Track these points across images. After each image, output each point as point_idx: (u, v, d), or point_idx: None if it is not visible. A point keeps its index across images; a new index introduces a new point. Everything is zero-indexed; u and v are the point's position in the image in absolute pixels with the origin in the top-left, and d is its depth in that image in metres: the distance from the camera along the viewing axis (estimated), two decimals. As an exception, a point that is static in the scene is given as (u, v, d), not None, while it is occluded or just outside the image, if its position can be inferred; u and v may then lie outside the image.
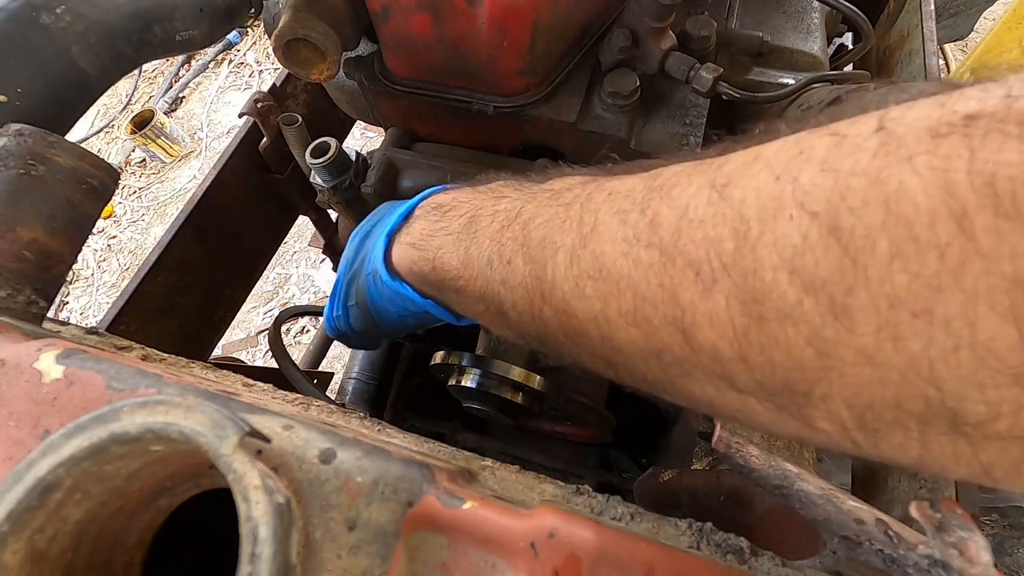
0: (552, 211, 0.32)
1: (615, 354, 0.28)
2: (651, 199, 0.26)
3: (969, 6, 2.15)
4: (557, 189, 0.34)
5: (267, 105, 0.86)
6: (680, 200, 0.24)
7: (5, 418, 0.30)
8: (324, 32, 0.57)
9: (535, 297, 0.32)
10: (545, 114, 0.66)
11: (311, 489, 0.27)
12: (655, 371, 0.27)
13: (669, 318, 0.24)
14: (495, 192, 0.39)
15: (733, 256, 0.22)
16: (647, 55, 0.65)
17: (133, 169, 2.99)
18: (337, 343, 0.78)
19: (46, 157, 0.42)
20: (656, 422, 1.10)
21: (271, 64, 3.19)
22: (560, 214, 0.31)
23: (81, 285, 2.71)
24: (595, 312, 0.28)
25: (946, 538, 0.26)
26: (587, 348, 0.30)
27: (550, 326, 0.32)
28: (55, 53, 0.48)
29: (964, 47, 2.98)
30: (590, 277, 0.28)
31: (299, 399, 0.40)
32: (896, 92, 0.31)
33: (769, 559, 0.29)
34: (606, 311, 0.27)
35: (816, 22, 0.77)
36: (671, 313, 0.24)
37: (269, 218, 0.99)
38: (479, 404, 0.70)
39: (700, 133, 0.65)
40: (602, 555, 0.26)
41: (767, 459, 0.36)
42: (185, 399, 0.27)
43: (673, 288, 0.24)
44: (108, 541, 0.31)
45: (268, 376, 0.53)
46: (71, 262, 0.45)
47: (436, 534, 0.27)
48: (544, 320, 0.32)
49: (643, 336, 0.26)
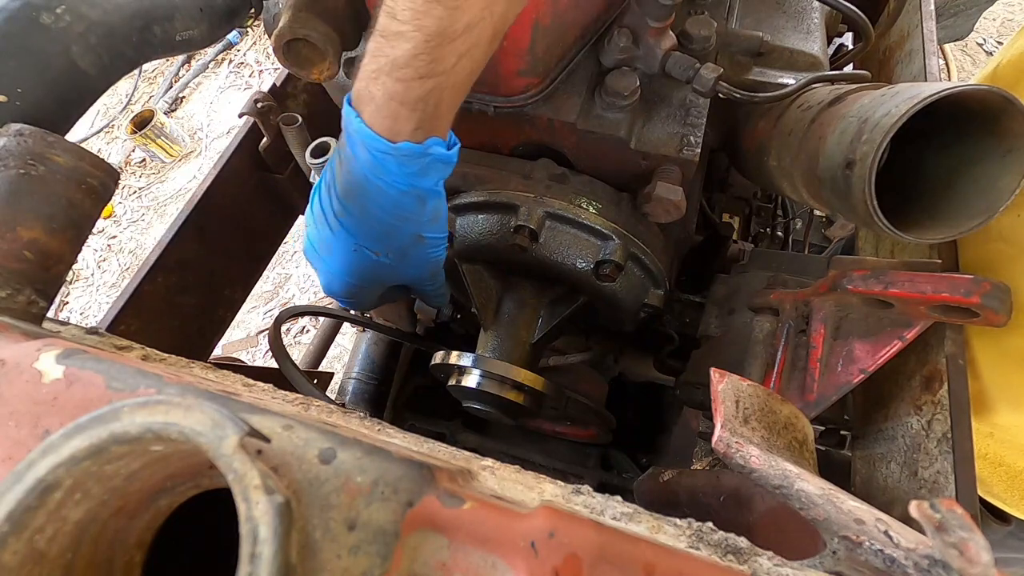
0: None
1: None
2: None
3: (969, 6, 2.16)
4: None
5: (267, 105, 0.86)
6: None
7: (5, 418, 0.30)
8: (324, 32, 0.57)
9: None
10: (545, 114, 0.66)
11: (311, 489, 0.27)
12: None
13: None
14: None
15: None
16: (647, 55, 0.65)
17: (133, 169, 3.00)
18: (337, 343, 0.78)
19: (46, 157, 0.42)
20: (656, 422, 1.10)
21: (271, 64, 3.19)
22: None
23: (81, 285, 2.71)
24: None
25: (946, 538, 0.26)
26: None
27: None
28: (55, 53, 0.48)
29: (964, 47, 2.98)
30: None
31: (299, 399, 0.40)
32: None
33: (769, 559, 0.29)
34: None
35: (816, 22, 0.77)
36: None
37: (269, 218, 0.99)
38: (479, 404, 0.70)
39: (700, 133, 0.65)
40: (602, 555, 0.26)
41: (767, 459, 0.36)
42: (185, 399, 0.27)
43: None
44: (108, 541, 0.31)
45: (268, 376, 0.53)
46: (71, 262, 0.45)
47: (436, 534, 0.27)
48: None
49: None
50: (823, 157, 0.55)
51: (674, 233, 0.77)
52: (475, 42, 0.48)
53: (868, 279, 0.54)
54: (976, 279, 0.47)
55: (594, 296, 0.73)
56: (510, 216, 0.68)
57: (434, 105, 0.49)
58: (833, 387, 0.56)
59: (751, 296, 0.67)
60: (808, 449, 0.44)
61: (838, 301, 0.58)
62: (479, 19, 0.47)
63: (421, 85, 0.48)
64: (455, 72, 0.48)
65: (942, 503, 0.27)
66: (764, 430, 0.41)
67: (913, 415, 0.55)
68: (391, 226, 0.56)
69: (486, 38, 0.48)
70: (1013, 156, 0.49)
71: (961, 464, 0.49)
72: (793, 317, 0.61)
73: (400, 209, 0.55)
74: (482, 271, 0.74)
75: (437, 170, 0.54)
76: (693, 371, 0.75)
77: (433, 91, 0.48)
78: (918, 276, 0.50)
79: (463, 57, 0.48)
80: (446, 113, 0.51)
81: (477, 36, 0.47)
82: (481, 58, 0.50)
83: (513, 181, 0.70)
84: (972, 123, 0.50)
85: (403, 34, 0.46)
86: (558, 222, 0.68)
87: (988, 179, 0.50)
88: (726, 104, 0.68)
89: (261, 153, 0.89)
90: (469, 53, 0.48)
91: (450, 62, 0.47)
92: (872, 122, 0.49)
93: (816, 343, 0.58)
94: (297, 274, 2.56)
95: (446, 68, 0.48)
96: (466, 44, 0.47)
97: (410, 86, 0.48)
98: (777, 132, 0.66)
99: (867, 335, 0.55)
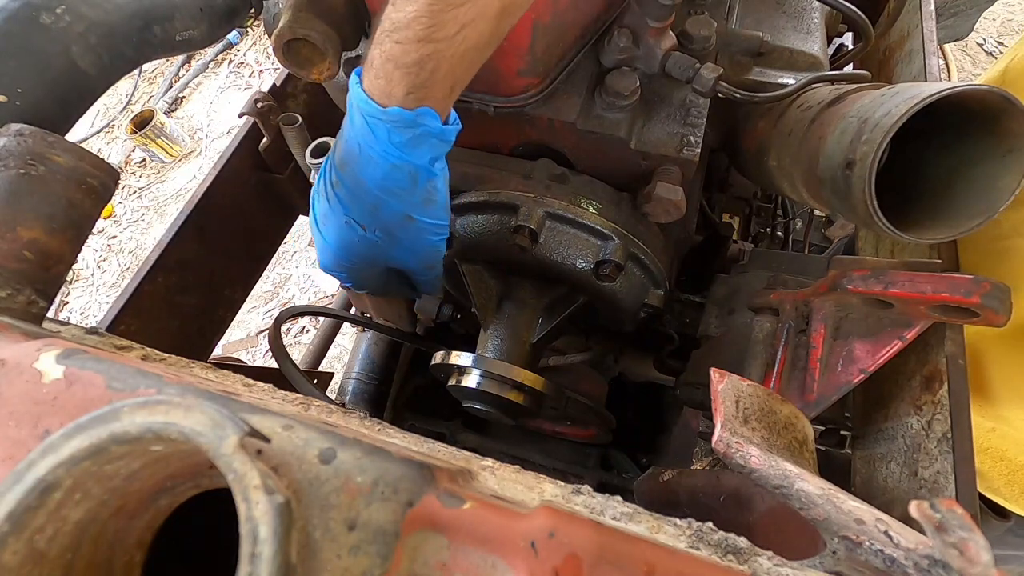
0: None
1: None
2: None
3: (969, 6, 2.16)
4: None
5: (267, 105, 0.86)
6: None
7: (5, 418, 0.30)
8: (324, 32, 0.57)
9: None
10: (545, 114, 0.66)
11: (311, 489, 0.27)
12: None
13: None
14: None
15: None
16: (647, 55, 0.65)
17: (133, 169, 3.00)
18: (337, 343, 0.78)
19: (46, 157, 0.42)
20: (656, 422, 1.10)
21: (271, 64, 3.19)
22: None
23: (81, 285, 2.71)
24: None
25: (946, 538, 0.26)
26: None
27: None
28: (55, 53, 0.48)
29: (964, 47, 2.98)
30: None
31: (299, 399, 0.40)
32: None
33: (769, 559, 0.29)
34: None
35: (816, 22, 0.77)
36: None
37: (269, 218, 0.99)
38: (479, 404, 0.70)
39: (700, 133, 0.65)
40: (602, 555, 0.26)
41: (767, 459, 0.36)
42: (185, 399, 0.27)
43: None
44: (108, 541, 0.31)
45: (268, 376, 0.53)
46: (71, 262, 0.45)
47: (436, 534, 0.27)
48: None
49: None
50: (823, 157, 0.55)
51: (674, 233, 0.77)
52: (480, 13, 0.47)
53: (868, 279, 0.54)
54: (976, 279, 0.47)
55: (594, 296, 0.73)
56: (510, 216, 0.68)
57: (430, 71, 0.49)
58: (833, 387, 0.56)
59: (751, 296, 0.67)
60: (808, 449, 0.44)
61: (838, 301, 0.58)
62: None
63: (418, 49, 0.47)
64: (456, 41, 0.48)
65: (942, 503, 0.27)
66: (764, 430, 0.41)
67: (913, 415, 0.55)
68: (380, 200, 0.55)
69: (492, 12, 0.48)
70: (1013, 156, 0.49)
71: (961, 464, 0.49)
72: (793, 317, 0.61)
73: (389, 182, 0.54)
74: (482, 271, 0.74)
75: (430, 145, 0.53)
76: (693, 371, 0.75)
77: (430, 56, 0.48)
78: (918, 276, 0.50)
79: (465, 27, 0.47)
80: (442, 82, 0.50)
81: (482, 7, 0.47)
82: (487, 35, 0.49)
83: (513, 181, 0.70)
84: (972, 123, 0.50)
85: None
86: (558, 222, 0.68)
87: (988, 179, 0.50)
88: (726, 104, 0.68)
89: (261, 153, 0.89)
90: (473, 23, 0.47)
91: (451, 29, 0.47)
92: (872, 122, 0.49)
93: (816, 343, 0.58)
94: (297, 274, 2.56)
95: (446, 35, 0.47)
96: (470, 14, 0.47)
97: (407, 48, 0.47)
98: (777, 132, 0.66)
99: (867, 335, 0.55)
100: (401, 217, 0.57)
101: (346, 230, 0.58)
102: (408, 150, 0.52)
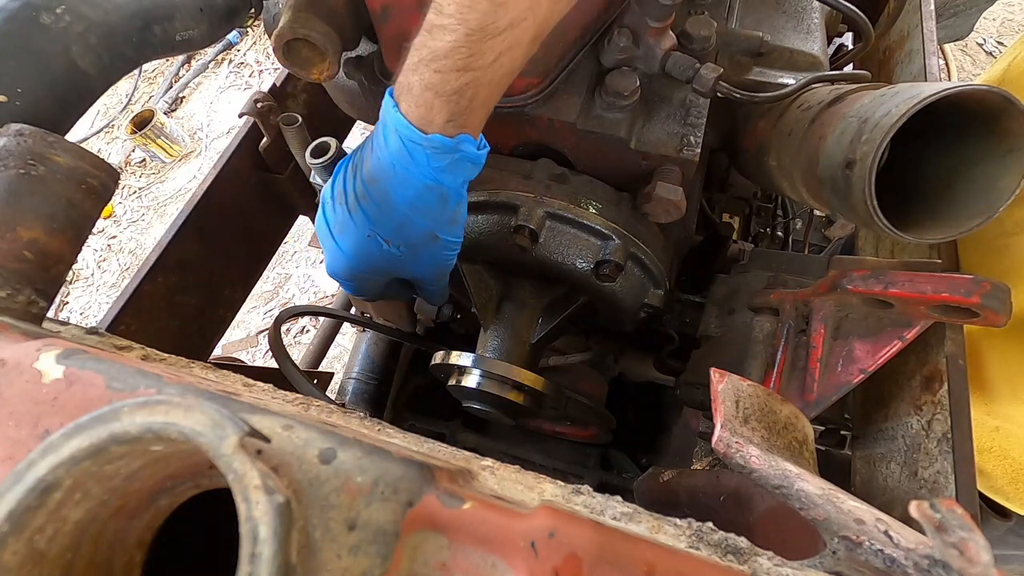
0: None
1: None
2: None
3: (969, 6, 2.15)
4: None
5: (267, 105, 0.86)
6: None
7: (5, 418, 0.30)
8: (324, 32, 0.57)
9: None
10: (545, 114, 0.66)
11: (311, 489, 0.27)
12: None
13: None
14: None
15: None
16: (647, 55, 0.65)
17: (133, 169, 3.00)
18: (337, 343, 0.78)
19: (46, 157, 0.42)
20: (656, 422, 1.10)
21: (271, 64, 3.19)
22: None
23: (81, 285, 2.71)
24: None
25: (946, 538, 0.26)
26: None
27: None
28: (55, 53, 0.48)
29: (964, 47, 2.98)
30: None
31: (299, 399, 0.40)
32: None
33: (769, 559, 0.29)
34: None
35: (816, 22, 0.77)
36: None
37: (269, 218, 0.99)
38: (479, 404, 0.70)
39: (700, 133, 0.65)
40: (602, 555, 0.26)
41: (767, 459, 0.36)
42: (185, 399, 0.27)
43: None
44: (108, 541, 0.31)
45: (268, 376, 0.53)
46: (71, 262, 0.45)
47: (436, 534, 0.27)
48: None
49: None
50: (823, 157, 0.55)
51: (674, 233, 0.77)
52: (516, 41, 0.48)
53: (868, 279, 0.54)
54: (976, 279, 0.47)
55: (594, 296, 0.73)
56: (510, 216, 0.68)
57: (468, 99, 0.50)
58: (833, 387, 0.56)
59: (751, 296, 0.67)
60: (808, 449, 0.44)
61: (838, 301, 0.58)
62: (522, 19, 0.47)
63: (458, 78, 0.48)
64: (493, 69, 0.49)
65: (942, 503, 0.27)
66: (764, 430, 0.41)
67: (913, 415, 0.55)
68: (408, 219, 0.56)
69: (527, 39, 0.49)
70: (1013, 156, 0.49)
71: (961, 464, 0.49)
72: (793, 317, 0.61)
73: (421, 202, 0.55)
74: (482, 271, 0.74)
75: (464, 169, 0.54)
76: (693, 371, 0.75)
77: (469, 85, 0.49)
78: (918, 276, 0.50)
79: (502, 55, 0.48)
80: (479, 109, 0.52)
81: (518, 35, 0.48)
82: (520, 59, 0.51)
83: (513, 181, 0.70)
84: (972, 123, 0.50)
85: (446, 27, 0.47)
86: (558, 222, 0.68)
87: (988, 179, 0.50)
88: (726, 104, 0.68)
89: (261, 153, 0.89)
90: (509, 52, 0.49)
91: (489, 58, 0.48)
92: (872, 122, 0.49)
93: (816, 343, 0.58)
94: (297, 274, 2.56)
95: (484, 64, 0.48)
96: (507, 42, 0.48)
97: (447, 77, 0.48)
98: (777, 132, 0.66)
99: (867, 335, 0.55)
100: (427, 235, 0.58)
101: (367, 243, 0.58)
102: (444, 174, 0.53)
